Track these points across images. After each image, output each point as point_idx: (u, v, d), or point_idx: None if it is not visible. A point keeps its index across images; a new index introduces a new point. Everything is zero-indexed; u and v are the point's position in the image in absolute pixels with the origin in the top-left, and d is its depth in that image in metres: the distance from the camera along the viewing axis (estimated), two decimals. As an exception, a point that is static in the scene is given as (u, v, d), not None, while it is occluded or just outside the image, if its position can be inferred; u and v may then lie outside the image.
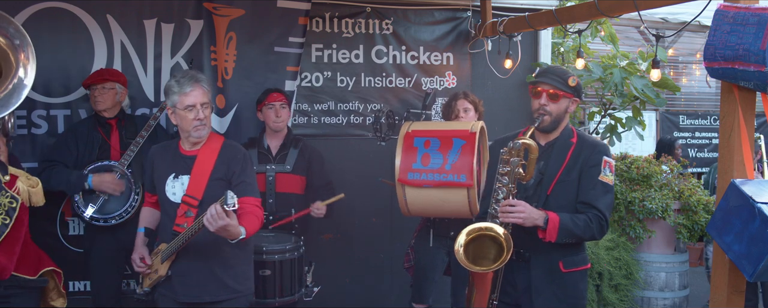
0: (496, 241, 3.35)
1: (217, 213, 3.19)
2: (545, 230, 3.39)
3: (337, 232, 5.67)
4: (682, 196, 6.30)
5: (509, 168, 3.39)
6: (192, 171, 3.66)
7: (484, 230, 3.36)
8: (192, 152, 3.72)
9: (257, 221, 3.61)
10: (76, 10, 4.98)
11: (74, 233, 5.21)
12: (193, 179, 3.65)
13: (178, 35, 5.21)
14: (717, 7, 3.35)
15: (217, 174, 3.66)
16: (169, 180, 3.70)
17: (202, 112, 3.62)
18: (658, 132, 10.68)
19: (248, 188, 3.67)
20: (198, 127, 3.63)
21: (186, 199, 3.63)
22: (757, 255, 3.01)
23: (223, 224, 3.23)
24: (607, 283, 6.24)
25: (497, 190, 3.41)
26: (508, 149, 3.38)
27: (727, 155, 3.42)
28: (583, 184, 3.52)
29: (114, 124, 4.80)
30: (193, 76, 3.65)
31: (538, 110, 3.53)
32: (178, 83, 3.63)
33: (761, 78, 3.12)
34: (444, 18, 6.06)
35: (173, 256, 3.64)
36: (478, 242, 3.38)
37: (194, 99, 3.59)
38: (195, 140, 3.70)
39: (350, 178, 5.62)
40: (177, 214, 3.65)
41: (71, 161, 4.66)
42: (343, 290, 5.69)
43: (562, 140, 3.62)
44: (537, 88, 3.55)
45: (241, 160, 3.73)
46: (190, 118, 3.61)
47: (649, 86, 5.84)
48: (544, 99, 3.53)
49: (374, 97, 5.93)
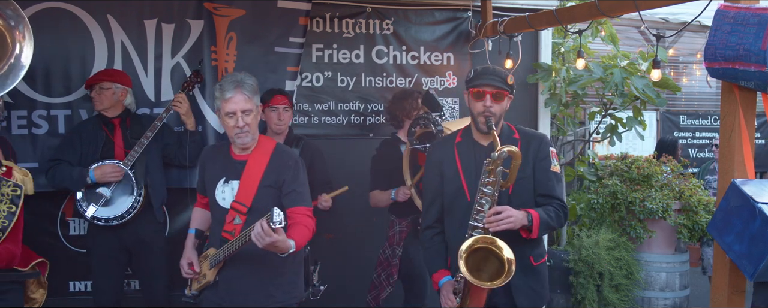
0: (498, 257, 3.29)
1: (264, 230, 3.08)
2: (531, 228, 3.39)
3: (338, 232, 5.67)
4: (682, 196, 6.30)
5: (494, 178, 3.32)
6: (242, 176, 3.57)
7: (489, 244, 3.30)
8: (243, 157, 3.63)
9: (308, 231, 3.50)
10: (77, 11, 4.98)
11: (75, 233, 5.22)
12: (243, 185, 3.56)
13: (179, 35, 5.21)
14: (717, 7, 3.35)
15: (267, 182, 3.56)
16: (220, 185, 3.62)
17: (243, 119, 3.48)
18: (658, 132, 10.68)
19: (298, 197, 3.57)
20: (239, 135, 3.52)
21: (235, 205, 3.55)
22: (758, 255, 3.01)
23: (271, 241, 3.11)
24: (608, 283, 6.24)
25: (481, 201, 3.34)
26: (491, 159, 3.29)
27: (728, 155, 3.42)
28: (539, 177, 3.53)
29: (117, 123, 4.80)
30: (236, 81, 3.51)
31: (484, 112, 3.45)
32: (220, 88, 3.52)
33: (762, 78, 3.13)
34: (444, 18, 6.06)
35: (221, 263, 3.59)
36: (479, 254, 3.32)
37: (234, 106, 3.46)
38: (241, 146, 3.61)
39: (350, 178, 5.60)
40: (226, 220, 3.58)
41: (76, 159, 4.67)
42: (344, 289, 5.68)
43: (506, 138, 3.56)
44: (480, 89, 3.46)
45: (292, 168, 3.61)
46: (230, 125, 3.50)
47: (649, 86, 5.83)
48: (489, 100, 3.45)
49: (375, 97, 5.93)
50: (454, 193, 3.57)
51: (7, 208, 3.53)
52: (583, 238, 6.38)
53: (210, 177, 3.70)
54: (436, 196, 3.65)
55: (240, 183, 3.57)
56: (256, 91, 3.58)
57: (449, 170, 3.58)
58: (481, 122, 3.48)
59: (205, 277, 3.68)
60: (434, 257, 3.66)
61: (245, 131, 3.52)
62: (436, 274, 3.61)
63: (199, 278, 3.73)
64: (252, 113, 3.53)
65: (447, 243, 3.65)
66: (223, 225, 3.59)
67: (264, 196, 3.52)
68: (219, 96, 3.53)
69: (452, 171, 3.57)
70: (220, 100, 3.52)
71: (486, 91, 3.45)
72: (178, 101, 4.85)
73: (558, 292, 6.46)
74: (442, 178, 3.61)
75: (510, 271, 3.21)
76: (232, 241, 3.41)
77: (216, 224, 3.69)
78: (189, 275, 3.73)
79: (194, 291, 3.80)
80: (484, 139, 3.58)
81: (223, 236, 3.56)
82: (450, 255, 3.60)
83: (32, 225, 4.12)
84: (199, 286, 3.74)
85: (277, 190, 3.57)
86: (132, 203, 4.65)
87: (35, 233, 4.65)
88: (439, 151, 3.67)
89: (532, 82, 6.15)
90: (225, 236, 3.55)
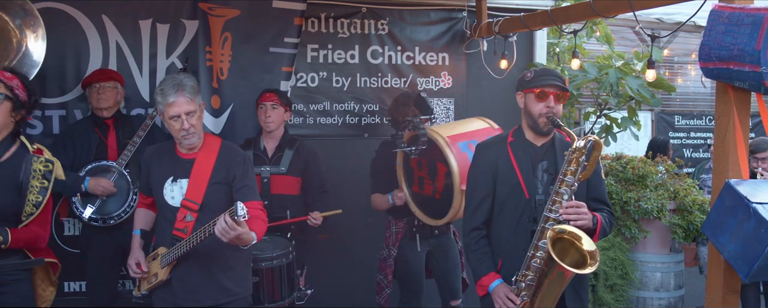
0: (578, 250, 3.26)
1: (229, 225, 3.12)
2: (594, 232, 3.39)
3: (332, 233, 5.66)
4: (677, 196, 6.31)
5: (575, 166, 3.29)
6: (191, 174, 3.59)
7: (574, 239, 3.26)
8: (190, 155, 3.65)
9: (264, 224, 3.54)
10: (72, 11, 4.98)
11: (69, 233, 5.21)
12: (193, 183, 3.58)
13: (174, 35, 5.20)
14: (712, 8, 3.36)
15: (217, 178, 3.59)
16: (167, 184, 3.63)
17: (187, 121, 3.49)
18: (653, 132, 10.70)
19: (250, 192, 3.60)
20: (185, 137, 3.54)
21: (186, 203, 3.57)
22: (752, 255, 3.02)
23: (236, 234, 3.16)
24: (603, 283, 6.24)
25: (560, 191, 3.31)
26: (576, 148, 3.28)
27: (722, 155, 3.43)
28: (594, 182, 3.52)
29: (111, 124, 4.80)
30: (176, 84, 3.50)
31: (547, 113, 3.47)
32: (162, 92, 3.51)
33: (756, 78, 3.13)
34: (439, 18, 6.06)
35: (174, 261, 3.59)
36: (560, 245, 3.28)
37: (177, 109, 3.47)
38: (187, 147, 3.63)
39: (345, 179, 5.61)
40: (176, 218, 3.59)
41: (68, 162, 4.66)
42: (338, 291, 5.68)
43: (560, 140, 3.61)
44: (545, 89, 3.48)
45: (241, 163, 3.65)
46: (176, 127, 3.52)
47: (644, 86, 5.84)
48: (553, 101, 3.48)
49: (370, 97, 5.93)
50: (509, 192, 3.54)
51: (40, 184, 3.50)
52: (578, 238, 6.38)
53: (156, 177, 3.70)
54: (486, 196, 3.61)
55: (189, 181, 3.59)
56: (197, 91, 3.58)
57: (505, 169, 3.57)
58: (542, 123, 3.49)
59: (157, 276, 3.67)
60: (484, 260, 3.58)
61: (191, 133, 3.54)
62: (485, 277, 3.52)
63: (150, 277, 3.73)
64: (196, 114, 3.54)
65: (496, 244, 3.61)
66: (173, 224, 3.59)
67: (214, 193, 3.56)
68: (161, 100, 3.51)
69: (508, 171, 3.55)
70: (162, 104, 3.50)
71: (550, 92, 3.47)
72: None
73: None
74: (494, 178, 3.59)
75: (594, 262, 3.19)
76: (189, 238, 3.44)
77: (165, 223, 3.68)
78: (137, 274, 3.73)
79: (144, 292, 3.79)
80: (537, 139, 3.59)
81: (175, 234, 3.57)
82: (502, 258, 3.57)
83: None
84: (150, 286, 3.73)
85: (228, 186, 3.60)
86: (128, 202, 4.65)
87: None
88: (492, 151, 3.65)
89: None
90: (176, 234, 3.56)
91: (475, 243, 3.62)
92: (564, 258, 3.23)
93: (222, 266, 3.63)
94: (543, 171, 3.56)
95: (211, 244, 3.47)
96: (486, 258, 3.58)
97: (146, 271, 3.72)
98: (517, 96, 3.64)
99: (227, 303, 3.65)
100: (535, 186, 3.51)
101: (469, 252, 3.65)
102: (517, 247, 3.49)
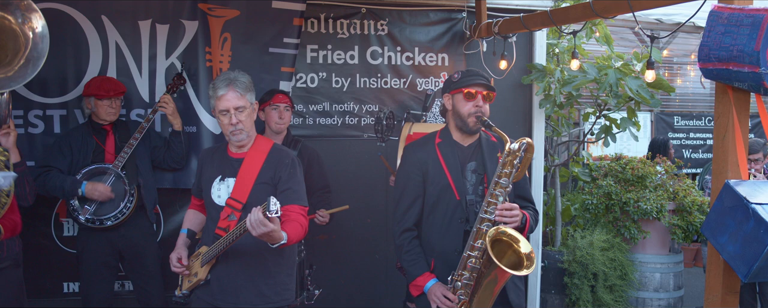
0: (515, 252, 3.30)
1: (260, 219, 3.07)
2: (523, 229, 3.44)
3: (332, 233, 5.67)
4: (676, 197, 6.32)
5: (510, 169, 3.34)
6: (238, 174, 3.58)
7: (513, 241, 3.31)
8: (239, 155, 3.64)
9: (301, 229, 3.47)
10: (71, 11, 4.98)
11: (68, 234, 5.21)
12: (239, 182, 3.57)
13: (173, 36, 5.20)
14: (711, 8, 3.36)
15: (263, 179, 3.57)
16: (216, 183, 3.63)
17: (236, 116, 3.50)
18: (652, 133, 10.70)
19: (294, 195, 3.56)
20: (234, 132, 3.53)
21: (230, 202, 3.56)
22: (752, 255, 3.02)
23: (266, 230, 3.10)
24: (602, 284, 6.25)
25: (495, 193, 3.35)
26: (511, 151, 3.33)
27: (722, 156, 3.43)
28: (519, 181, 3.54)
29: (109, 129, 4.82)
30: (229, 78, 3.53)
31: (476, 113, 3.51)
32: (214, 86, 3.54)
33: (755, 79, 3.13)
34: (439, 19, 6.06)
35: (213, 260, 3.57)
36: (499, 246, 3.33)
37: (227, 103, 3.48)
38: (236, 144, 3.62)
39: (345, 179, 5.62)
40: (220, 217, 3.58)
41: (66, 166, 4.68)
42: (339, 291, 5.68)
43: (486, 140, 3.66)
44: (472, 89, 3.53)
45: (288, 166, 3.61)
46: (225, 122, 3.52)
47: (643, 87, 5.84)
48: (481, 100, 3.53)
49: (369, 97, 5.93)
50: (439, 193, 3.57)
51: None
52: (577, 239, 6.40)
53: (206, 177, 3.70)
54: (417, 197, 3.64)
55: (236, 180, 3.58)
56: (249, 89, 3.58)
57: (434, 170, 3.59)
58: (471, 122, 3.53)
59: (196, 275, 3.67)
60: (417, 260, 3.60)
61: (239, 129, 3.53)
62: (420, 278, 3.55)
63: (190, 277, 3.72)
64: (245, 110, 3.53)
65: (427, 245, 3.63)
66: (217, 223, 3.59)
67: (260, 193, 3.51)
68: (212, 94, 3.55)
69: (437, 172, 3.58)
70: (213, 98, 3.54)
71: (479, 91, 3.52)
72: (164, 102, 4.88)
73: (553, 293, 6.47)
74: (424, 178, 3.61)
75: (530, 264, 3.23)
76: (226, 236, 3.42)
77: (210, 222, 3.68)
78: (177, 268, 3.70)
79: (185, 291, 3.78)
80: (465, 140, 3.63)
81: (217, 233, 3.56)
82: (434, 258, 3.59)
83: (26, 226, 4.12)
84: (190, 285, 3.72)
85: (273, 188, 3.57)
86: (125, 203, 4.66)
87: (29, 234, 4.64)
88: (420, 152, 3.67)
89: (526, 82, 6.15)
90: (218, 233, 3.55)
91: (407, 244, 3.63)
92: (501, 259, 3.28)
93: (263, 271, 3.58)
94: (471, 171, 3.60)
95: (252, 248, 3.45)
96: (419, 259, 3.60)
97: (187, 265, 3.70)
98: (444, 98, 3.68)
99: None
100: (465, 187, 3.56)
101: (401, 253, 3.66)
102: (449, 248, 3.54)
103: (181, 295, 3.81)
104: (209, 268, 3.61)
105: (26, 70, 3.82)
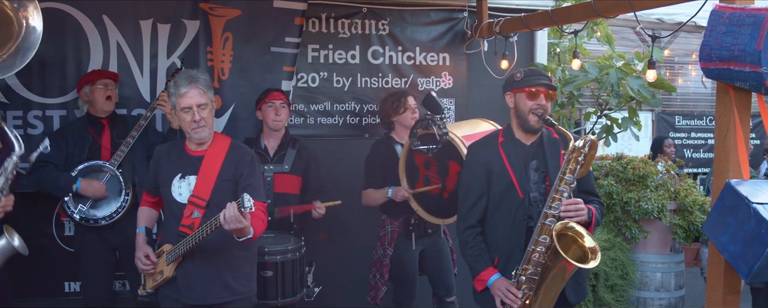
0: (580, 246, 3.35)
1: (235, 216, 3.18)
2: (590, 224, 3.48)
3: (332, 232, 5.67)
4: (678, 197, 6.31)
5: (575, 165, 3.38)
6: (199, 171, 3.62)
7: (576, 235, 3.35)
8: (199, 152, 3.68)
9: (262, 224, 3.57)
10: (72, 11, 4.98)
11: (69, 233, 5.22)
12: (201, 180, 3.61)
13: (174, 36, 5.20)
14: (712, 8, 3.36)
15: (225, 176, 3.62)
16: (176, 181, 3.66)
17: (199, 113, 3.55)
18: (653, 132, 10.70)
19: (254, 191, 3.58)
20: (196, 130, 3.58)
21: (193, 200, 3.60)
22: (753, 255, 3.02)
23: (240, 226, 3.23)
24: (603, 283, 6.25)
25: (560, 189, 3.39)
26: (575, 148, 3.37)
27: (723, 156, 3.43)
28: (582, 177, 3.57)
29: (106, 123, 4.80)
30: (190, 76, 3.58)
31: (537, 110, 3.57)
32: (175, 84, 3.59)
33: (757, 79, 3.13)
34: (440, 18, 6.05)
35: (180, 258, 3.61)
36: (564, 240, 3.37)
37: (189, 100, 3.53)
38: (197, 141, 3.66)
39: (345, 179, 5.61)
40: (183, 215, 3.61)
41: (62, 161, 4.65)
42: (338, 290, 5.68)
43: (547, 137, 3.70)
44: (535, 88, 3.58)
45: (249, 163, 3.69)
46: (187, 119, 3.56)
47: (645, 87, 5.84)
48: (543, 99, 3.58)
49: (370, 97, 5.93)
50: (503, 191, 3.62)
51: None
52: (578, 239, 6.39)
53: (165, 174, 3.73)
54: (481, 195, 3.69)
55: (197, 178, 3.62)
56: (209, 86, 3.64)
57: (497, 169, 3.64)
58: (533, 121, 3.59)
59: (162, 274, 3.68)
60: (481, 255, 3.66)
61: (202, 125, 3.58)
62: (483, 273, 3.61)
63: (155, 275, 3.75)
64: (207, 107, 3.59)
65: (491, 241, 3.68)
66: (180, 220, 3.61)
67: (222, 190, 3.58)
68: (174, 92, 3.59)
69: (501, 170, 3.63)
70: (175, 95, 3.58)
71: (541, 91, 3.58)
72: (163, 100, 4.85)
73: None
74: (488, 177, 3.66)
75: (595, 257, 3.27)
76: (194, 233, 3.46)
77: (172, 219, 3.70)
78: (147, 266, 3.73)
79: (149, 290, 3.80)
80: (527, 138, 3.68)
81: (181, 230, 3.59)
82: (498, 254, 3.64)
83: (27, 226, 4.12)
84: (155, 284, 3.74)
85: (234, 184, 3.63)
86: (120, 203, 4.65)
87: (30, 234, 4.63)
88: (483, 152, 3.73)
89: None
90: (183, 230, 3.58)
91: (472, 240, 3.69)
92: (566, 253, 3.30)
93: (228, 265, 3.64)
94: (534, 169, 3.65)
95: (218, 243, 3.50)
96: (483, 254, 3.66)
97: (155, 262, 3.73)
98: (505, 96, 3.73)
99: (231, 302, 3.66)
100: (528, 185, 3.61)
101: (465, 248, 3.72)
102: (512, 244, 3.59)
103: (145, 294, 3.84)
104: (175, 266, 3.63)
105: (15, 59, 3.77)
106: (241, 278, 3.71)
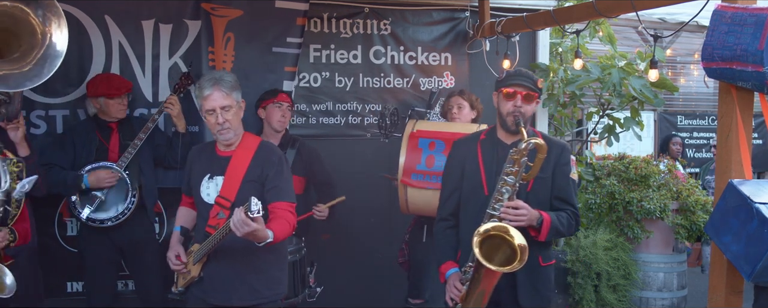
0: (509, 245, 3.32)
1: (242, 220, 3.12)
2: (539, 230, 3.46)
3: (335, 232, 5.67)
4: (680, 196, 6.30)
5: (517, 168, 3.37)
6: (226, 172, 3.61)
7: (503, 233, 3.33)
8: (227, 153, 3.67)
9: (288, 226, 3.52)
10: (74, 11, 4.97)
11: (72, 233, 5.21)
12: (227, 180, 3.59)
13: (176, 36, 5.21)
14: (715, 8, 3.36)
15: (251, 177, 3.59)
16: (204, 181, 3.66)
17: (222, 115, 3.52)
18: (656, 132, 10.68)
19: (281, 193, 3.60)
20: (220, 131, 3.56)
21: (219, 200, 3.58)
22: (755, 255, 3.02)
23: (249, 230, 3.15)
24: (606, 283, 6.24)
25: (501, 190, 3.40)
26: (517, 149, 3.37)
27: (725, 155, 3.43)
28: (558, 182, 3.60)
29: (115, 126, 4.80)
30: (214, 78, 3.55)
31: (514, 112, 3.55)
32: (199, 86, 3.57)
33: (759, 78, 3.13)
34: (442, 18, 6.06)
35: (205, 258, 3.61)
36: (491, 241, 3.35)
37: (212, 103, 3.50)
38: (223, 143, 3.64)
39: (348, 179, 5.61)
40: (210, 215, 3.61)
41: (68, 163, 4.66)
42: (342, 290, 5.68)
43: None
44: (511, 90, 3.57)
45: (275, 163, 3.64)
46: (211, 122, 3.55)
47: (647, 86, 5.84)
48: (520, 101, 3.56)
49: (372, 97, 5.94)
50: (472, 188, 3.64)
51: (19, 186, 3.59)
52: (580, 238, 6.38)
53: (195, 175, 3.73)
54: (454, 190, 3.72)
55: (224, 179, 3.60)
56: (235, 88, 3.60)
57: (470, 166, 3.67)
58: (510, 121, 3.58)
59: (190, 273, 3.70)
60: (445, 248, 3.72)
61: (226, 127, 3.56)
62: (443, 265, 3.66)
63: (185, 274, 3.75)
64: (232, 109, 3.56)
65: (460, 236, 3.71)
66: (207, 221, 3.62)
67: (248, 191, 3.53)
68: (198, 94, 3.58)
69: (473, 167, 3.66)
70: (199, 98, 3.57)
71: (518, 92, 3.56)
72: (170, 103, 4.84)
73: (555, 292, 6.46)
74: (462, 174, 3.69)
75: (523, 258, 3.24)
76: (213, 234, 3.45)
77: (200, 220, 3.71)
78: (177, 266, 3.73)
79: (180, 288, 3.81)
80: (508, 138, 3.66)
81: (207, 231, 3.58)
82: (462, 249, 3.66)
83: (30, 226, 4.13)
84: (185, 282, 3.75)
85: (260, 185, 3.60)
86: (127, 204, 4.65)
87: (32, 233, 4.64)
88: (463, 148, 3.76)
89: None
90: (209, 231, 3.57)
91: (440, 233, 3.78)
92: (497, 252, 3.32)
93: (254, 267, 3.62)
94: None
95: (241, 245, 3.47)
96: (447, 248, 3.73)
97: (185, 262, 3.73)
98: (493, 95, 3.74)
99: (255, 305, 3.64)
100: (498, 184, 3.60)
101: (435, 240, 3.81)
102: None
103: (176, 292, 3.85)
104: (201, 266, 3.64)
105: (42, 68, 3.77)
106: (268, 281, 3.67)
